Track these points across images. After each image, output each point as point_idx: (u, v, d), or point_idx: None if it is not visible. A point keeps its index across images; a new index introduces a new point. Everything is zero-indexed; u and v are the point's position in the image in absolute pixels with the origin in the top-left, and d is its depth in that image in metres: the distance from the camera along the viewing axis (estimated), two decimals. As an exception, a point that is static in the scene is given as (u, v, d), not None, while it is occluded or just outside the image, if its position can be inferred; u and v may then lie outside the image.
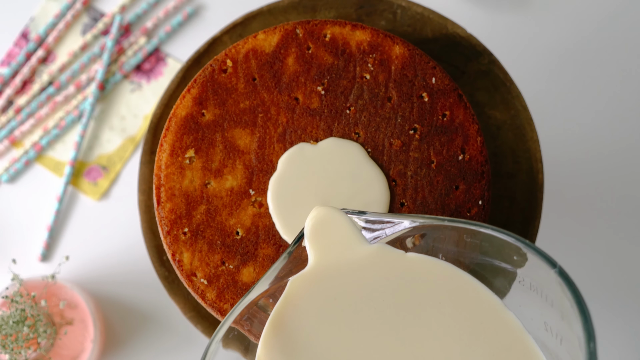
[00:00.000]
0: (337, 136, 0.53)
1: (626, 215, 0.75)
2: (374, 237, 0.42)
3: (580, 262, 0.74)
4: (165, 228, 0.53)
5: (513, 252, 0.38)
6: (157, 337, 0.72)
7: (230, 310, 0.41)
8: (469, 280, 0.39)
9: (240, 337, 0.43)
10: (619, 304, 0.74)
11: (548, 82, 0.75)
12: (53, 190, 0.74)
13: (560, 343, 0.37)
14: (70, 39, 0.75)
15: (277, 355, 0.40)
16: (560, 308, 0.36)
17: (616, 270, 0.74)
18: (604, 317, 0.74)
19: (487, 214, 0.53)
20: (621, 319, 0.74)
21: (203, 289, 0.53)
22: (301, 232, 0.43)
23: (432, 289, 0.40)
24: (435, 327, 0.39)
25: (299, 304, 0.41)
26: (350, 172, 0.51)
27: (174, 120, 0.54)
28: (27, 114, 0.74)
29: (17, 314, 0.62)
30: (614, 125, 0.75)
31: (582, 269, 0.74)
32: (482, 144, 0.54)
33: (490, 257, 0.40)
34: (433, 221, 0.41)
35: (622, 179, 0.75)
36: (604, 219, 0.74)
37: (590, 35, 0.75)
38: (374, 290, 0.40)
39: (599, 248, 0.74)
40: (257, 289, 0.42)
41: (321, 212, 0.43)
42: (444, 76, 0.54)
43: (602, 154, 0.75)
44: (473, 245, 0.41)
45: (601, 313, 0.74)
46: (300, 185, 0.51)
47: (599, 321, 0.74)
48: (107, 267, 0.73)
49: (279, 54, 0.54)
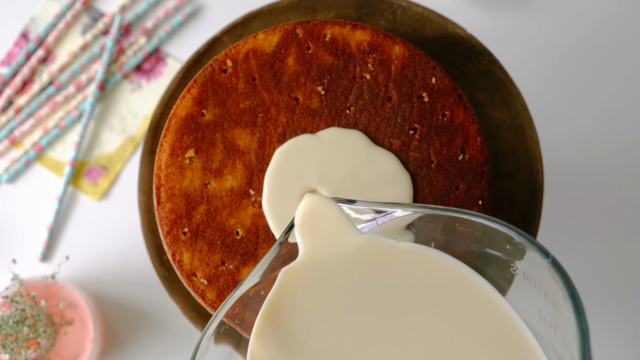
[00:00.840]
0: (337, 136, 0.53)
1: (626, 214, 0.75)
2: (366, 227, 0.42)
3: (580, 262, 0.74)
4: (165, 228, 0.53)
5: (505, 241, 0.38)
6: (157, 337, 0.72)
7: (221, 304, 0.41)
8: (462, 268, 0.39)
9: (232, 331, 0.43)
10: (619, 303, 0.74)
11: (548, 82, 0.75)
12: (53, 190, 0.74)
13: (554, 332, 0.37)
14: (70, 39, 0.75)
15: (271, 347, 0.40)
16: (554, 298, 0.36)
17: (616, 270, 0.74)
18: (604, 316, 0.74)
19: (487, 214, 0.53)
20: (621, 319, 0.74)
21: (203, 289, 0.53)
22: (292, 222, 0.43)
23: (425, 278, 0.40)
24: (428, 316, 0.39)
25: (291, 294, 0.40)
26: (358, 158, 0.51)
27: (174, 120, 0.54)
28: (27, 114, 0.74)
29: (17, 314, 0.62)
30: (614, 125, 0.75)
31: (582, 269, 0.74)
32: (482, 144, 0.54)
33: (483, 246, 0.40)
34: (425, 210, 0.40)
35: (622, 178, 0.75)
36: (604, 219, 0.74)
37: (590, 35, 0.75)
38: (366, 280, 0.40)
39: (599, 248, 0.74)
40: (248, 282, 0.41)
41: (311, 201, 0.43)
42: (444, 76, 0.54)
43: (603, 153, 0.75)
44: (466, 234, 0.41)
45: (601, 313, 0.74)
46: (302, 177, 0.51)
47: (599, 321, 0.74)
48: (107, 267, 0.73)
49: (279, 54, 0.54)
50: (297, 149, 0.52)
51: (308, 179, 0.51)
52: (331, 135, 0.52)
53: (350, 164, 0.51)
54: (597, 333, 0.74)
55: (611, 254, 0.74)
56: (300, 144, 0.52)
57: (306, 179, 0.51)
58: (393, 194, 0.50)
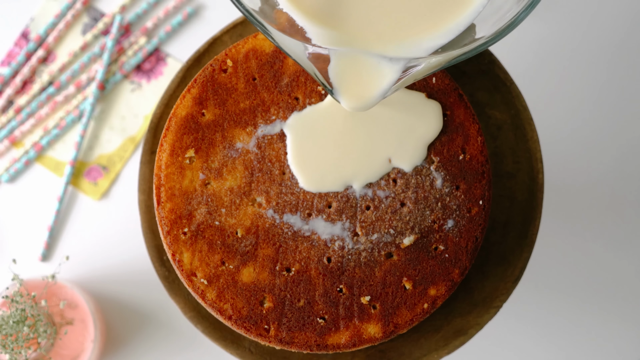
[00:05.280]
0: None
1: (626, 214, 0.75)
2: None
3: (580, 262, 0.74)
4: (165, 228, 0.53)
5: None
6: (157, 337, 0.72)
7: None
8: None
9: None
10: (619, 303, 0.74)
11: (548, 82, 0.75)
12: (53, 190, 0.74)
13: None
14: (70, 39, 0.75)
15: None
16: None
17: (616, 270, 0.74)
18: (604, 316, 0.74)
19: (488, 214, 0.53)
20: (621, 318, 0.74)
21: (203, 289, 0.53)
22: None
23: None
24: None
25: None
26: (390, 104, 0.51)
27: (174, 120, 0.54)
28: (27, 113, 0.74)
29: (17, 314, 0.62)
30: (615, 125, 0.75)
31: (582, 269, 0.74)
32: (483, 143, 0.54)
33: None
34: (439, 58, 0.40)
35: (622, 178, 0.75)
36: (604, 219, 0.74)
37: (590, 35, 0.75)
38: None
39: (599, 248, 0.74)
40: None
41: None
42: (444, 76, 0.54)
43: (603, 153, 0.75)
44: None
45: (601, 312, 0.74)
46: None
47: (599, 320, 0.74)
48: (107, 267, 0.73)
49: (279, 53, 0.54)
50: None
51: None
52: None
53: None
54: (598, 332, 0.74)
55: (611, 254, 0.74)
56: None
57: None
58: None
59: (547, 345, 0.74)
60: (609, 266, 0.74)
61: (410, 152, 0.51)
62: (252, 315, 0.52)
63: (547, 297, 0.74)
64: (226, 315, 0.53)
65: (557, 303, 0.74)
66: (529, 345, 0.74)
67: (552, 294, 0.74)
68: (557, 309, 0.74)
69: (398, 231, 0.53)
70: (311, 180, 0.52)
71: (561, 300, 0.74)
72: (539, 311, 0.74)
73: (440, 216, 0.53)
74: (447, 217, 0.53)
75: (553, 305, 0.74)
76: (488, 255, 0.57)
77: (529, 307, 0.74)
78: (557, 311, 0.74)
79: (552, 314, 0.74)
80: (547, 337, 0.74)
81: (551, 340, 0.74)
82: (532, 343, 0.74)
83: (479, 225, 0.53)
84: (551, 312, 0.74)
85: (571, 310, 0.74)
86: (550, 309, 0.74)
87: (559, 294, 0.74)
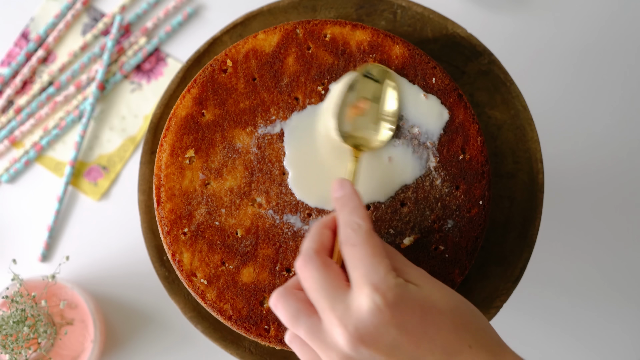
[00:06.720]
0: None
1: (626, 214, 0.75)
2: None
3: (580, 262, 0.74)
4: (165, 228, 0.53)
5: None
6: (157, 337, 0.72)
7: None
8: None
9: None
10: (619, 303, 0.74)
11: (548, 82, 0.75)
12: (53, 190, 0.74)
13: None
14: (70, 39, 0.75)
15: None
16: None
17: (616, 270, 0.74)
18: (604, 316, 0.74)
19: (488, 214, 0.53)
20: (621, 318, 0.74)
21: (203, 289, 0.53)
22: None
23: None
24: None
25: None
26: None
27: (174, 120, 0.54)
28: (27, 114, 0.74)
29: (18, 314, 0.62)
30: (615, 125, 0.75)
31: (583, 269, 0.74)
32: (483, 143, 0.54)
33: None
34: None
35: (622, 178, 0.75)
36: (604, 219, 0.74)
37: (590, 35, 0.75)
38: None
39: (599, 248, 0.74)
40: None
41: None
42: (444, 76, 0.54)
43: (603, 153, 0.75)
44: None
45: (601, 312, 0.74)
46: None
47: (599, 320, 0.74)
48: (107, 267, 0.73)
49: (279, 53, 0.54)
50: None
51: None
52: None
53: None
54: (598, 332, 0.74)
55: (611, 254, 0.74)
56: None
57: None
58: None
59: (547, 345, 0.74)
60: (609, 266, 0.74)
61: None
62: (252, 316, 0.52)
63: (547, 297, 0.74)
64: (226, 316, 0.53)
65: (557, 303, 0.74)
66: (529, 345, 0.74)
67: (552, 294, 0.74)
68: (557, 309, 0.74)
69: (398, 231, 0.53)
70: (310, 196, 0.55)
71: (561, 301, 0.74)
72: (538, 311, 0.74)
73: (440, 216, 0.53)
74: (447, 217, 0.53)
75: (553, 305, 0.74)
76: (488, 255, 0.57)
77: (528, 307, 0.74)
78: (557, 311, 0.74)
79: (552, 314, 0.74)
80: (547, 337, 0.74)
81: (551, 340, 0.74)
82: (532, 343, 0.74)
83: (479, 225, 0.53)
84: (551, 312, 0.74)
85: (571, 310, 0.74)
86: (550, 309, 0.74)
87: (559, 294, 0.74)
